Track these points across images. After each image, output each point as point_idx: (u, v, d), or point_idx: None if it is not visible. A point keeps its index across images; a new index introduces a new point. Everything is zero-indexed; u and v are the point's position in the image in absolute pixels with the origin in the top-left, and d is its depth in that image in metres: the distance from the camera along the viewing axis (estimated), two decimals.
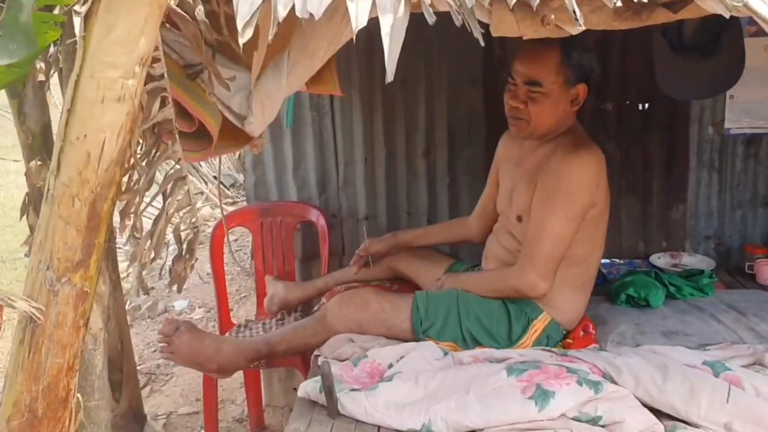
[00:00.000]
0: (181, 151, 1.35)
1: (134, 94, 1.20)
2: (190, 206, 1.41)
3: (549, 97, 2.03)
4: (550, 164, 2.04)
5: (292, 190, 3.12)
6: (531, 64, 2.02)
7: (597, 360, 1.86)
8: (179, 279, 1.46)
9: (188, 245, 1.45)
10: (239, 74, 1.53)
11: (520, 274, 2.04)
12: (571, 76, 2.03)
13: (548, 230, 2.01)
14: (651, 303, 2.36)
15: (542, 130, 2.09)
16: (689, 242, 3.06)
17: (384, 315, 2.11)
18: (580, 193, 2.00)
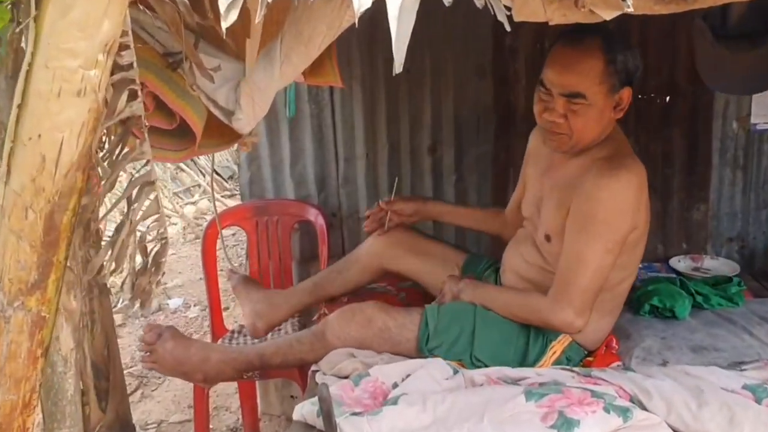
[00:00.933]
0: (150, 152, 1.17)
1: (97, 86, 1.02)
2: (158, 215, 1.23)
3: (593, 107, 1.76)
4: (585, 184, 1.79)
5: (289, 188, 2.95)
6: (570, 74, 1.75)
7: (624, 382, 1.68)
8: (143, 294, 1.29)
9: (154, 258, 1.27)
10: (225, 64, 1.35)
11: (557, 309, 1.81)
12: (615, 82, 1.77)
13: (584, 262, 1.78)
14: (677, 314, 2.18)
15: (585, 143, 1.84)
16: (711, 244, 2.89)
17: (388, 333, 1.93)
18: (619, 221, 1.78)
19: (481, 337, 1.91)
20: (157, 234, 1.26)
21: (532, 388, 1.66)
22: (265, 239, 2.90)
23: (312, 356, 1.96)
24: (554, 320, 1.83)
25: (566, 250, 1.83)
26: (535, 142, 2.16)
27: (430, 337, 1.90)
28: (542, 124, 1.85)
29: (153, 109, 1.36)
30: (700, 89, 2.75)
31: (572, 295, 1.79)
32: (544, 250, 1.96)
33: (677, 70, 2.74)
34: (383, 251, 2.30)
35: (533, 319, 1.91)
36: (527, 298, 1.95)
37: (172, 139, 1.47)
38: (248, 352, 2.07)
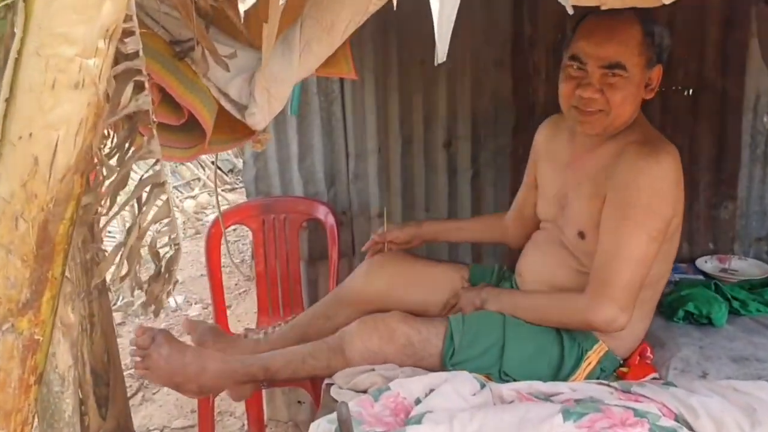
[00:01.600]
0: (159, 151, 1.03)
1: (97, 77, 0.88)
2: (169, 218, 1.11)
3: (631, 82, 1.68)
4: (621, 170, 1.69)
5: (297, 185, 2.82)
6: (610, 43, 1.66)
7: (667, 399, 1.56)
8: (156, 302, 1.17)
9: (167, 265, 1.14)
10: (240, 52, 1.21)
11: (597, 306, 1.67)
12: (652, 55, 1.70)
13: (627, 253, 1.66)
14: (714, 321, 2.06)
15: (620, 123, 1.74)
16: (738, 244, 2.76)
17: (411, 349, 1.78)
18: (663, 206, 1.67)
19: (512, 350, 1.78)
20: (169, 239, 1.13)
21: (568, 406, 1.53)
22: (271, 238, 2.77)
23: (326, 372, 1.83)
24: (597, 319, 1.69)
25: (605, 242, 1.70)
26: (544, 137, 2.06)
27: (456, 351, 1.77)
28: (576, 104, 1.73)
29: (159, 102, 1.23)
30: (730, 81, 2.62)
31: (615, 290, 1.66)
32: (577, 250, 1.82)
33: (706, 61, 2.61)
34: (383, 292, 2.07)
35: (572, 321, 1.77)
36: (563, 299, 1.82)
37: (179, 135, 1.33)
38: (251, 365, 1.88)
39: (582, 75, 1.70)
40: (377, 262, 2.13)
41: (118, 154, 1.05)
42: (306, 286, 2.86)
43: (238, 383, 1.88)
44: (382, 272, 2.09)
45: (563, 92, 1.76)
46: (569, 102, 1.75)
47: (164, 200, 1.07)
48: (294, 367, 1.83)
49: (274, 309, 2.78)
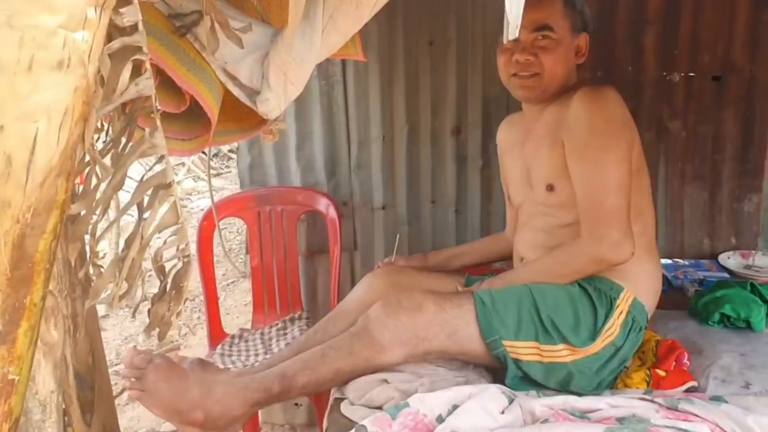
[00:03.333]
0: (164, 146, 0.85)
1: (87, 56, 0.70)
2: (177, 225, 0.93)
3: (560, 44, 1.82)
4: (571, 111, 1.76)
5: (294, 174, 2.65)
6: (536, 7, 1.77)
7: (720, 418, 1.40)
8: (162, 324, 0.99)
9: (174, 281, 0.97)
10: (255, 26, 1.02)
11: (597, 239, 1.69)
12: (576, 21, 1.85)
13: (603, 180, 1.70)
14: (753, 325, 1.92)
15: (555, 86, 1.84)
16: (763, 239, 2.62)
17: (444, 315, 1.65)
18: (618, 128, 1.74)
19: (548, 307, 1.69)
20: (177, 251, 0.96)
21: (612, 426, 1.37)
22: (268, 231, 2.60)
23: (351, 363, 1.63)
24: (603, 249, 1.70)
25: (580, 179, 1.76)
26: (503, 136, 2.16)
27: (490, 317, 1.65)
28: (514, 69, 1.85)
29: (157, 86, 1.04)
30: (758, 67, 2.47)
31: (608, 218, 1.69)
32: (550, 204, 1.86)
33: (733, 46, 2.46)
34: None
35: (583, 264, 1.75)
36: (564, 251, 1.80)
37: (180, 125, 1.15)
38: (264, 377, 1.65)
39: (515, 44, 1.82)
40: (378, 273, 2.04)
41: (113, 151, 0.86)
42: (304, 283, 2.70)
43: (251, 403, 1.63)
44: (382, 282, 2.00)
45: (502, 63, 1.88)
46: (508, 71, 1.87)
47: (171, 204, 0.90)
48: (313, 365, 1.63)
49: (271, 307, 2.62)
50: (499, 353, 1.66)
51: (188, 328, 3.97)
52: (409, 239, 2.69)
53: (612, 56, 2.50)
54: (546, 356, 1.67)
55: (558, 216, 1.85)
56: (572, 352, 1.67)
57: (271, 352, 2.31)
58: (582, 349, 1.68)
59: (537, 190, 1.89)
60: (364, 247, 2.71)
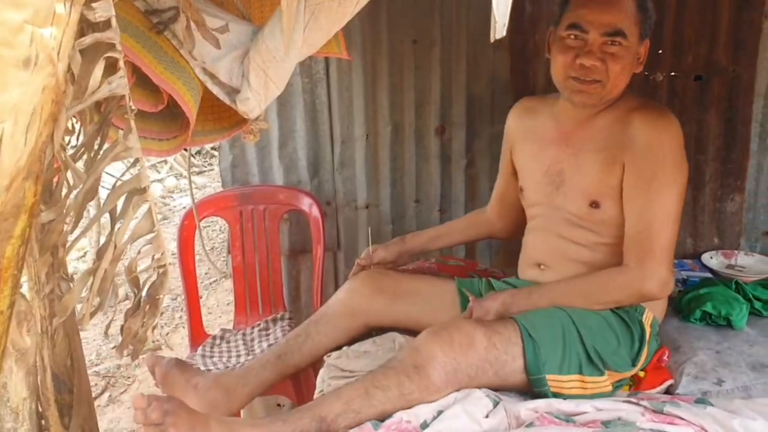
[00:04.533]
0: (139, 148, 0.82)
1: (56, 53, 0.67)
2: (153, 233, 0.90)
3: (629, 52, 1.68)
4: (640, 134, 1.67)
5: (277, 173, 2.63)
6: (612, 10, 1.65)
7: (705, 420, 1.40)
8: (135, 342, 0.96)
9: (149, 293, 0.94)
10: (232, 25, 1.00)
11: (648, 274, 1.63)
12: (645, 28, 1.70)
13: (663, 213, 1.65)
14: (733, 323, 1.92)
15: (613, 96, 1.72)
16: (745, 239, 2.63)
17: (495, 352, 1.55)
18: (683, 162, 1.69)
19: (592, 337, 1.64)
20: (153, 261, 0.92)
21: (597, 430, 1.37)
22: (250, 231, 2.57)
23: (400, 404, 1.48)
24: (652, 286, 1.65)
25: (637, 206, 1.68)
26: (518, 121, 2.00)
27: (539, 350, 1.57)
28: (574, 73, 1.69)
29: (132, 84, 1.01)
30: (740, 67, 2.47)
31: (660, 253, 1.65)
32: (591, 222, 1.77)
33: (716, 46, 2.46)
34: (366, 306, 1.89)
35: (626, 296, 1.70)
36: (606, 276, 1.72)
37: (157, 124, 1.12)
38: (299, 419, 1.47)
39: (581, 44, 1.68)
40: (360, 278, 1.96)
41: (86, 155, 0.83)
42: (287, 283, 2.68)
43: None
44: (365, 286, 1.92)
45: (562, 63, 1.70)
46: (567, 73, 1.70)
47: (146, 211, 0.86)
48: (357, 407, 1.46)
49: (253, 307, 2.59)
50: (542, 390, 1.59)
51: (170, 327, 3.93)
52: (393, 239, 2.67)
53: None
54: (589, 388, 1.62)
55: (599, 232, 1.76)
56: (614, 378, 1.65)
57: (253, 353, 2.28)
58: (622, 373, 1.66)
59: (573, 200, 1.79)
60: (347, 247, 2.69)
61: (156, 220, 0.89)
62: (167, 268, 0.94)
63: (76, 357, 2.24)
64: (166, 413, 1.38)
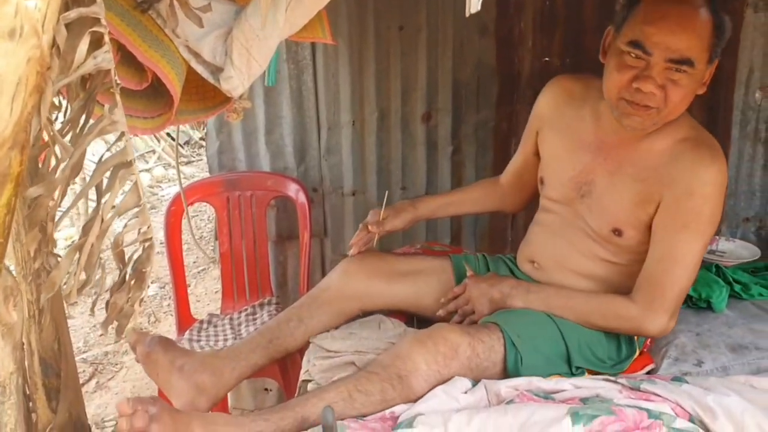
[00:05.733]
0: (124, 122, 0.84)
1: (40, 24, 0.69)
2: (139, 207, 0.91)
3: (694, 79, 1.51)
4: (683, 176, 1.55)
5: (264, 159, 2.63)
6: (685, 33, 1.46)
7: (681, 398, 1.43)
8: (120, 317, 0.97)
9: (136, 267, 0.95)
10: (215, 4, 1.01)
11: (652, 316, 1.60)
12: (717, 50, 1.52)
13: (685, 262, 1.59)
14: (714, 306, 1.95)
15: (666, 122, 1.57)
16: (726, 225, 2.67)
17: (476, 360, 1.56)
18: (719, 212, 1.60)
19: (580, 352, 1.65)
20: (139, 234, 0.94)
21: (576, 407, 1.39)
22: (237, 217, 2.58)
23: (381, 408, 1.49)
24: (650, 328, 1.63)
25: (661, 250, 1.60)
26: (553, 102, 1.82)
27: (522, 359, 1.58)
28: (628, 96, 1.53)
29: (117, 62, 1.03)
30: (723, 56, 2.49)
31: (670, 300, 1.61)
32: (610, 244, 1.70)
33: None
34: (362, 290, 1.84)
35: (622, 328, 1.68)
36: (610, 304, 1.68)
37: (141, 102, 1.14)
38: (281, 420, 1.46)
39: (641, 65, 1.50)
40: (355, 260, 1.89)
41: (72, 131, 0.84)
42: (274, 268, 2.69)
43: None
44: (361, 269, 1.86)
45: (616, 82, 1.53)
46: (620, 94, 1.54)
47: (133, 185, 0.88)
48: (339, 409, 1.44)
49: (240, 293, 2.60)
50: None
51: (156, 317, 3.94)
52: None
53: (581, 44, 2.51)
54: None
55: (612, 252, 1.72)
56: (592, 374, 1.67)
57: (240, 337, 2.30)
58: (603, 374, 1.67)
59: (596, 219, 1.71)
60: (334, 233, 2.70)
61: (142, 193, 0.91)
62: (153, 241, 0.95)
63: (63, 341, 2.25)
64: (151, 419, 1.36)
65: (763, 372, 1.69)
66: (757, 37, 2.48)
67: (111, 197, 0.88)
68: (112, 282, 1.02)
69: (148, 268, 0.96)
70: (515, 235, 2.71)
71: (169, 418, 1.39)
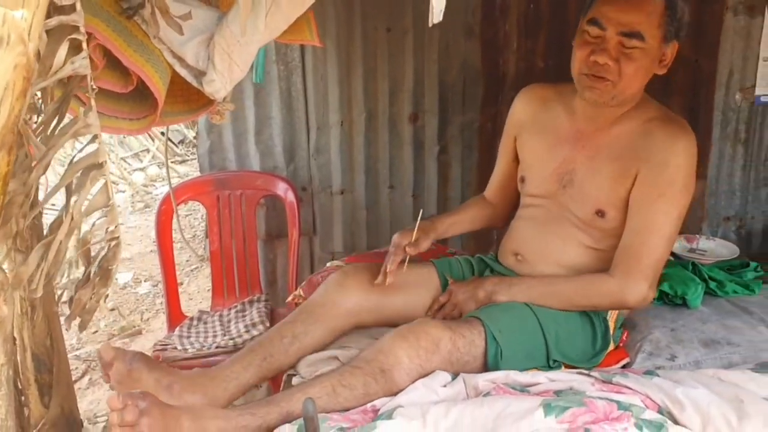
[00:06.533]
0: (98, 124, 0.88)
1: (26, 33, 0.73)
2: (107, 207, 0.95)
3: (647, 54, 1.63)
4: (657, 149, 1.66)
5: (254, 159, 2.68)
6: (633, 10, 1.61)
7: (651, 390, 1.48)
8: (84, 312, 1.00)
9: (101, 265, 0.99)
10: (196, 11, 1.06)
11: (632, 285, 1.68)
12: (671, 30, 1.65)
13: (661, 231, 1.67)
14: (689, 302, 2.00)
15: (625, 97, 1.69)
16: (707, 224, 2.73)
17: (457, 354, 1.60)
18: (692, 184, 1.70)
19: (558, 345, 1.70)
20: (106, 233, 0.97)
21: (549, 399, 1.44)
22: (227, 215, 2.62)
23: (364, 401, 1.52)
24: (633, 298, 1.70)
25: (637, 222, 1.69)
26: (527, 107, 1.93)
27: (502, 353, 1.63)
28: (587, 68, 1.67)
29: (103, 66, 1.07)
30: (704, 57, 2.56)
31: (648, 269, 1.68)
32: (592, 228, 1.77)
33: None
34: (358, 305, 1.82)
35: (605, 303, 1.75)
36: (590, 282, 1.76)
37: (127, 105, 1.18)
38: (267, 413, 1.48)
39: (598, 41, 1.64)
40: (349, 274, 1.87)
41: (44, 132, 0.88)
42: (263, 266, 2.74)
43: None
44: (355, 284, 1.84)
45: (578, 57, 1.69)
46: (581, 68, 1.68)
47: (102, 185, 0.91)
48: (323, 403, 1.48)
49: (230, 290, 2.64)
50: None
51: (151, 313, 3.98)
52: (368, 224, 2.74)
53: (565, 47, 2.54)
54: None
55: (594, 238, 1.79)
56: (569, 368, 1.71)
57: (229, 333, 2.34)
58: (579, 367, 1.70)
59: (581, 204, 1.78)
60: (323, 232, 2.75)
61: (111, 194, 0.94)
62: (120, 240, 0.99)
63: (55, 338, 2.29)
64: (141, 413, 1.36)
65: (734, 366, 1.75)
66: (737, 40, 2.54)
67: (81, 197, 0.91)
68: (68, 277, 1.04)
69: (114, 266, 1.00)
70: (500, 233, 2.74)
71: (159, 412, 1.39)
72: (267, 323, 2.35)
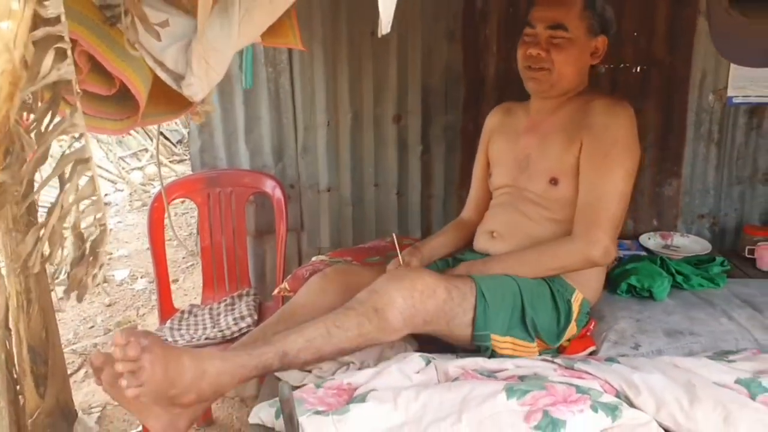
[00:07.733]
0: (83, 124, 0.97)
1: (12, 43, 0.82)
2: (94, 196, 1.04)
3: (574, 44, 1.90)
4: (597, 115, 1.87)
5: (243, 157, 2.76)
6: (554, 7, 1.90)
7: (610, 375, 1.56)
8: (80, 287, 1.10)
9: (92, 246, 1.08)
10: (174, 19, 1.14)
11: (593, 241, 1.82)
12: (594, 23, 1.91)
13: (611, 188, 1.83)
14: (655, 295, 2.09)
15: (564, 84, 1.94)
16: (682, 221, 2.81)
17: (451, 304, 1.70)
18: (635, 146, 1.88)
19: (533, 309, 1.82)
20: (94, 219, 1.07)
21: (512, 383, 1.52)
22: (217, 212, 2.71)
23: (357, 343, 1.60)
24: (596, 252, 1.82)
25: (589, 182, 1.85)
26: (497, 120, 2.19)
27: (489, 311, 1.74)
28: (526, 62, 1.93)
29: (88, 71, 1.16)
30: (678, 59, 2.64)
31: (604, 223, 1.82)
32: (548, 199, 1.94)
33: (655, 39, 2.63)
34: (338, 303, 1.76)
35: (574, 263, 1.87)
36: (555, 246, 1.90)
37: (111, 106, 1.27)
38: (263, 353, 1.54)
39: (533, 38, 1.92)
40: (330, 275, 1.94)
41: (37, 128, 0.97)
42: (252, 261, 2.82)
43: (245, 380, 1.54)
44: (336, 285, 1.90)
45: (520, 55, 1.96)
46: (522, 63, 1.95)
47: (89, 178, 1.01)
48: (318, 345, 1.56)
49: (220, 284, 2.73)
50: (482, 345, 1.75)
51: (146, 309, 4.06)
52: (353, 220, 2.83)
53: None
54: (519, 350, 1.79)
55: (552, 209, 1.94)
56: (541, 346, 1.83)
57: (218, 326, 2.43)
58: (548, 345, 1.84)
59: (536, 180, 1.97)
60: (310, 228, 2.83)
61: (97, 185, 1.03)
62: (107, 226, 1.08)
63: (51, 330, 2.38)
64: (143, 350, 1.38)
65: (694, 354, 1.83)
66: (710, 43, 2.60)
67: (70, 187, 1.01)
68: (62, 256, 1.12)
69: (102, 248, 1.09)
70: None
71: (161, 349, 1.42)
72: (255, 316, 2.44)
